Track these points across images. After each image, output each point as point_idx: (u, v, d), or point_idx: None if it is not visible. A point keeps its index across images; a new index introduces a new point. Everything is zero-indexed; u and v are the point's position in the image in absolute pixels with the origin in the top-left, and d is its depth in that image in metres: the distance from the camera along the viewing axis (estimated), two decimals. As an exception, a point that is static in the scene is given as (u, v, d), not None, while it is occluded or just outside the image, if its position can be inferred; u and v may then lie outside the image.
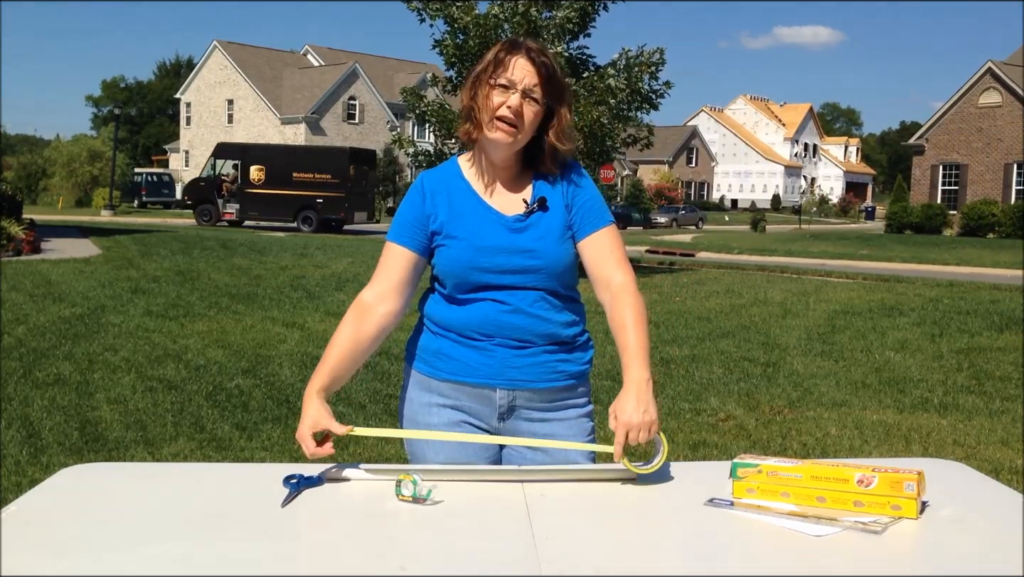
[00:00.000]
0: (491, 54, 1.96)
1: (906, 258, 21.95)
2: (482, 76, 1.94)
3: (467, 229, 1.97)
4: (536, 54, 1.92)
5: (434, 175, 2.05)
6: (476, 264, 1.95)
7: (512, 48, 1.93)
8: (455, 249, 1.96)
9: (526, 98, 1.90)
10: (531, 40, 1.98)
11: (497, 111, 1.90)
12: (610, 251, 2.00)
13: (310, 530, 1.53)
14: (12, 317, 9.23)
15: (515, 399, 2.00)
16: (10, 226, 16.00)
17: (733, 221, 54.63)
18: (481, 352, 1.97)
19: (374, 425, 5.61)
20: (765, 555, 1.45)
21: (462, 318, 1.98)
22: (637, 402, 1.81)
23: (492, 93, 1.91)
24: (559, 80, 1.95)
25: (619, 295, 1.95)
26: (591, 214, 2.00)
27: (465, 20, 13.67)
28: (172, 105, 69.81)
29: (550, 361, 2.00)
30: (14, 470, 4.54)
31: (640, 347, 1.88)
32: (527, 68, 1.90)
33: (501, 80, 1.90)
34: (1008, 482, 4.52)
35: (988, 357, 8.30)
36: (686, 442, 5.35)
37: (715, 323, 10.31)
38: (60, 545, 1.43)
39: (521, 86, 1.90)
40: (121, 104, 47.34)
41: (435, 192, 2.01)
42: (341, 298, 11.74)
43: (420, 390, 2.06)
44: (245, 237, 22.90)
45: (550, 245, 1.96)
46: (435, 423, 2.03)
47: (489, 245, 1.95)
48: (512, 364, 1.97)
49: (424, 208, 2.00)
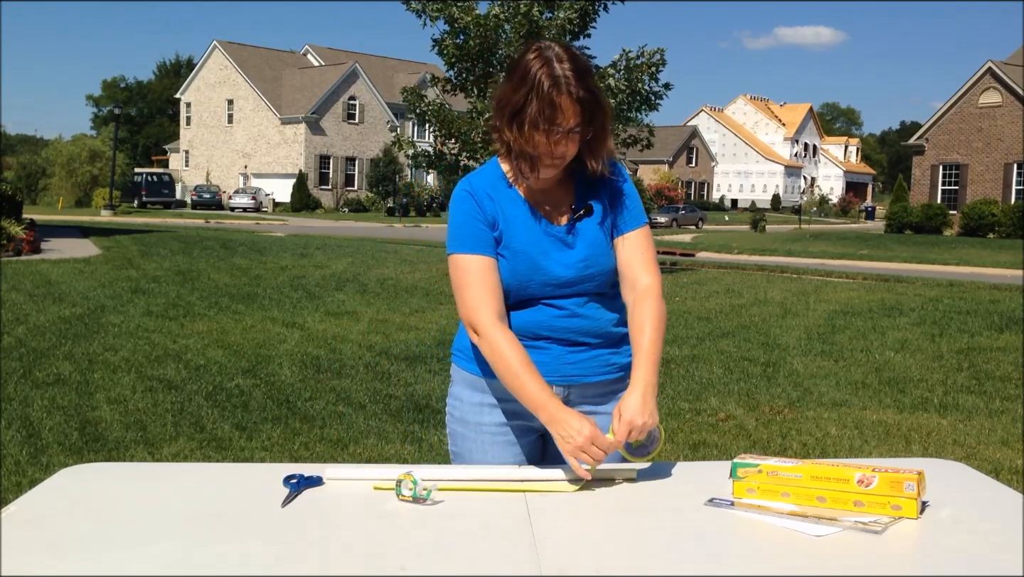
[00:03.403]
0: (537, 91, 1.85)
1: (906, 258, 21.96)
2: (531, 119, 1.86)
3: (522, 242, 1.98)
4: (577, 88, 1.84)
5: (481, 178, 2.03)
6: (533, 279, 1.98)
7: (556, 87, 1.84)
8: (514, 262, 1.98)
9: (570, 135, 1.88)
10: (563, 61, 1.86)
11: (553, 152, 1.89)
12: (641, 252, 2.02)
13: (310, 530, 1.53)
14: (12, 317, 9.24)
15: (569, 394, 2.04)
16: (10, 226, 16.01)
17: (733, 221, 54.63)
18: (535, 350, 1.99)
19: (373, 425, 5.61)
20: (765, 555, 1.45)
21: (515, 322, 2.00)
22: (643, 404, 1.83)
23: (551, 139, 1.87)
24: (599, 105, 1.89)
25: (643, 297, 1.98)
26: (627, 214, 2.03)
27: (465, 20, 13.66)
28: (172, 105, 69.82)
29: (603, 355, 2.04)
30: (14, 470, 4.54)
31: (653, 351, 1.92)
32: (573, 109, 1.85)
33: (555, 126, 1.86)
34: (1008, 482, 4.53)
35: (988, 357, 8.30)
36: (686, 442, 5.35)
37: (715, 323, 10.31)
38: (60, 545, 1.42)
39: (568, 127, 1.86)
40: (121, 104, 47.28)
41: (489, 197, 2.00)
42: (341, 298, 11.74)
43: (470, 389, 2.09)
44: (245, 237, 22.90)
45: (600, 252, 2.00)
46: (485, 422, 2.06)
47: (548, 260, 1.97)
48: (567, 360, 2.01)
49: (484, 213, 1.98)
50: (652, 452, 1.85)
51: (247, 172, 55.08)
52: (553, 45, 1.90)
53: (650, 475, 1.82)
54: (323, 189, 53.65)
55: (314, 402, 6.19)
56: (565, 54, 1.88)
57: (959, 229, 34.09)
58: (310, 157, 52.83)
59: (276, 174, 53.36)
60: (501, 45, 13.81)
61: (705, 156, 77.12)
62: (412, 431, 5.49)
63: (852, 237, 32.77)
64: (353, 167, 55.24)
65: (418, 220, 44.02)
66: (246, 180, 54.87)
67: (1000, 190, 34.23)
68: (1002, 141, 34.19)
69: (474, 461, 2.06)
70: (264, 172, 54.21)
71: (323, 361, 7.58)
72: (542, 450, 2.12)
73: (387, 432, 5.45)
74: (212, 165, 56.75)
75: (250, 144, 54.99)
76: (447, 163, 14.64)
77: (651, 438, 1.85)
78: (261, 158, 54.55)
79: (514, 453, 2.06)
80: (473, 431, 2.08)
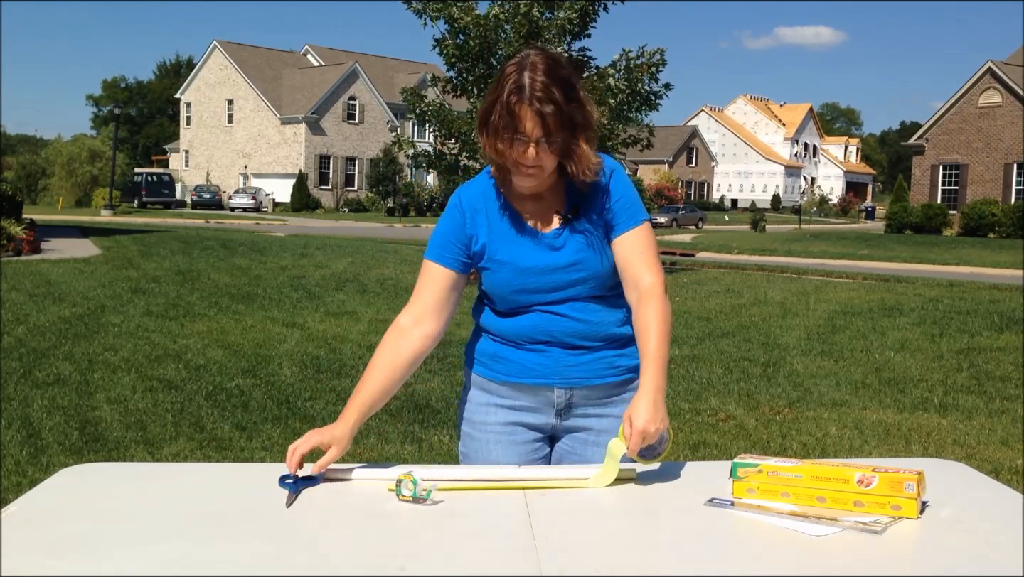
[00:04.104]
0: (499, 96, 1.86)
1: (906, 258, 21.96)
2: (494, 126, 1.87)
3: (509, 252, 1.98)
4: (540, 102, 1.82)
5: (472, 192, 2.04)
6: (522, 286, 1.98)
7: (519, 95, 1.83)
8: (499, 273, 1.99)
9: (540, 145, 1.86)
10: (536, 70, 1.85)
11: (520, 161, 1.89)
12: (641, 251, 1.98)
13: (310, 530, 1.53)
14: (12, 317, 9.24)
15: (572, 397, 2.04)
16: (10, 226, 16.00)
17: (733, 221, 54.62)
18: (537, 353, 2.01)
19: (373, 425, 5.61)
20: (765, 555, 1.44)
21: (515, 327, 2.02)
22: (654, 409, 1.80)
23: (511, 145, 1.87)
24: (568, 115, 1.86)
25: (646, 297, 1.94)
26: (623, 213, 1.99)
27: (466, 20, 13.66)
28: (172, 105, 69.81)
29: (607, 357, 2.03)
30: (14, 470, 4.54)
31: (659, 355, 1.88)
32: (534, 120, 1.83)
33: (516, 135, 1.86)
34: (1008, 482, 4.52)
35: (988, 357, 8.30)
36: (686, 442, 5.35)
37: (715, 323, 10.31)
38: (60, 545, 1.42)
39: (533, 138, 1.85)
40: (121, 104, 47.30)
41: (475, 210, 2.01)
42: (341, 298, 11.75)
43: (479, 391, 2.12)
44: (245, 237, 22.90)
45: (591, 255, 1.98)
46: (491, 421, 2.09)
47: (532, 267, 1.97)
48: (568, 363, 2.01)
49: (465, 229, 2.00)
50: (661, 453, 1.84)
51: (247, 172, 55.08)
52: (534, 54, 1.88)
53: (650, 475, 1.82)
54: (323, 189, 53.65)
55: (314, 402, 6.19)
56: (542, 64, 1.85)
57: (959, 229, 34.09)
58: (310, 157, 52.83)
59: (276, 174, 53.36)
60: (501, 45, 13.81)
61: (705, 156, 77.11)
62: (412, 431, 5.49)
63: (852, 237, 32.77)
64: (353, 167, 55.24)
65: (418, 220, 44.01)
66: (246, 180, 54.87)
67: (1000, 190, 34.23)
68: (1002, 141, 34.19)
69: (479, 460, 2.07)
70: (264, 172, 54.21)
71: (323, 361, 7.58)
72: (548, 452, 2.13)
73: (387, 432, 5.45)
74: (212, 165, 56.75)
75: (250, 144, 54.99)
76: (447, 163, 14.64)
77: (660, 440, 1.83)
78: (261, 158, 54.55)
79: (518, 453, 2.07)
80: (479, 431, 2.10)
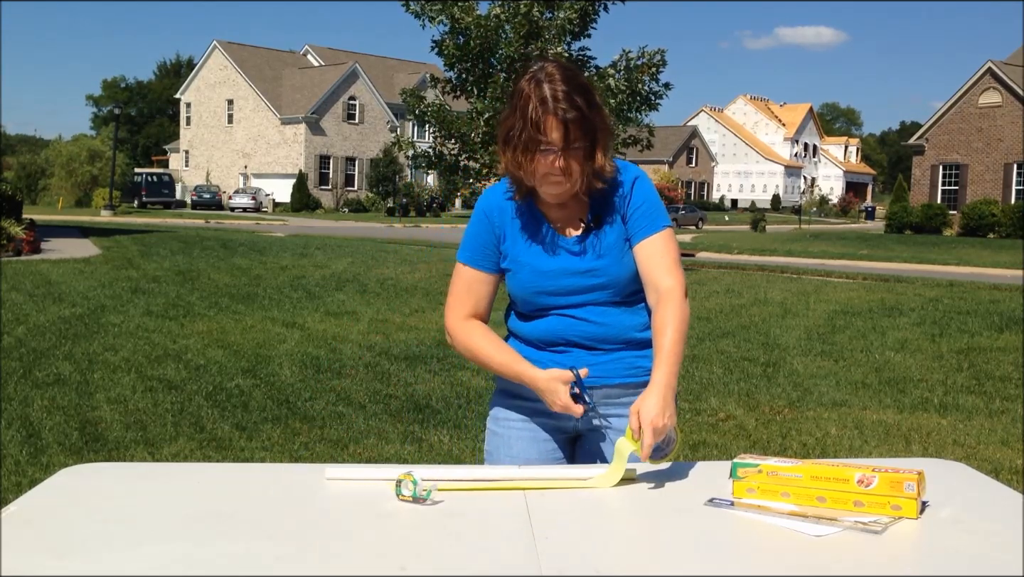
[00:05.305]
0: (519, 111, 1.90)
1: (906, 258, 21.96)
2: (521, 142, 1.91)
3: (530, 254, 2.04)
4: (564, 111, 1.87)
5: (496, 194, 2.09)
6: (541, 288, 2.03)
7: (543, 106, 1.88)
8: (520, 274, 2.05)
9: (567, 153, 1.90)
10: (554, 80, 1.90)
11: (546, 174, 1.92)
12: (661, 256, 2.01)
13: (310, 530, 1.53)
14: (12, 317, 9.24)
15: (593, 396, 2.05)
16: (10, 226, 16.00)
17: (733, 221, 54.63)
18: (557, 354, 2.06)
19: (373, 425, 5.61)
20: (765, 555, 1.44)
21: (536, 330, 2.08)
22: (663, 404, 1.82)
23: (537, 157, 1.90)
24: (590, 122, 1.90)
25: (665, 299, 1.98)
26: (643, 220, 2.03)
27: (467, 21, 13.66)
28: (172, 105, 69.81)
29: (627, 358, 2.07)
30: (14, 470, 4.54)
31: (673, 353, 1.91)
32: (560, 129, 1.88)
33: (543, 147, 1.89)
34: (1008, 482, 4.52)
35: (988, 357, 8.30)
36: (686, 442, 5.35)
37: (715, 323, 10.31)
38: (60, 545, 1.42)
39: (559, 146, 1.89)
40: (121, 104, 47.29)
41: (502, 211, 2.07)
42: (341, 298, 11.74)
43: (506, 391, 2.16)
44: (245, 237, 22.90)
45: (611, 262, 2.02)
46: (512, 418, 2.14)
47: (551, 269, 2.02)
48: (587, 363, 2.03)
49: (493, 229, 2.07)
50: (668, 453, 1.84)
51: (247, 172, 55.08)
52: (547, 64, 1.93)
53: (650, 475, 1.82)
54: (323, 189, 53.66)
55: (314, 402, 6.19)
56: (559, 73, 1.91)
57: (959, 229, 34.09)
58: (310, 157, 52.84)
59: (276, 174, 53.37)
60: (501, 45, 13.81)
61: (705, 156, 77.11)
62: (412, 431, 5.49)
63: (852, 237, 32.78)
64: (353, 167, 55.25)
65: (418, 220, 44.03)
66: (246, 180, 54.87)
67: (1000, 190, 34.23)
68: (1002, 141, 34.18)
69: (501, 456, 2.11)
70: (264, 172, 54.21)
71: (323, 361, 7.58)
72: (572, 451, 2.14)
73: (387, 432, 5.45)
74: (212, 165, 56.75)
75: (250, 144, 54.99)
76: (447, 163, 14.65)
77: (667, 440, 1.83)
78: (261, 158, 54.55)
79: (539, 451, 2.09)
80: (502, 427, 2.15)
